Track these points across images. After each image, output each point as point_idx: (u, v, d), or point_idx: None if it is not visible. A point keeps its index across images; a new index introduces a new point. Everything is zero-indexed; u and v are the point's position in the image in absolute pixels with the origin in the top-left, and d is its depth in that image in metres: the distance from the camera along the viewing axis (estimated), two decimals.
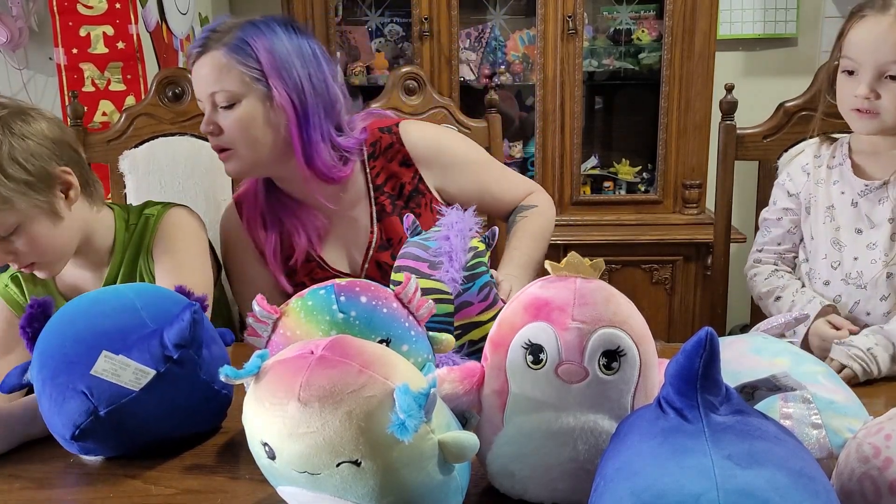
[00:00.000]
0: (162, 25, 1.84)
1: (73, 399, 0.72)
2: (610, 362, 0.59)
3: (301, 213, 1.11)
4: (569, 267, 0.62)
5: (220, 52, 1.01)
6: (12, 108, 0.94)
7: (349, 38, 2.22)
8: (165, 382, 0.74)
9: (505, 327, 0.63)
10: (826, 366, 0.74)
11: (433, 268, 0.85)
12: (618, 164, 2.27)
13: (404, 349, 0.71)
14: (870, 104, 1.00)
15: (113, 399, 0.72)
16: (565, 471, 0.61)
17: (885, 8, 0.98)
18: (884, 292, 1.03)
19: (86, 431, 0.72)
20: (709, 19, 1.98)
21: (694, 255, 2.07)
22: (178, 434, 0.78)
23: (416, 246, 0.88)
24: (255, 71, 1.01)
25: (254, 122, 1.02)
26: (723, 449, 0.46)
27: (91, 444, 0.74)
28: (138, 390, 0.72)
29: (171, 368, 0.74)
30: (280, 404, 0.53)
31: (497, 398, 0.63)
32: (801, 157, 1.17)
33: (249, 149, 1.04)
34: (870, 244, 1.05)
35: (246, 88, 1.01)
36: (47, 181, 0.93)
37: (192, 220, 1.10)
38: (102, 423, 0.72)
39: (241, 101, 1.01)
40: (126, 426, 0.73)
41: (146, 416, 0.73)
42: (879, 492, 0.53)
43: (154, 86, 1.34)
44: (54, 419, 0.73)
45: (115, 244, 1.06)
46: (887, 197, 1.04)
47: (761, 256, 1.18)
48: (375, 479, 0.54)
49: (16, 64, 1.69)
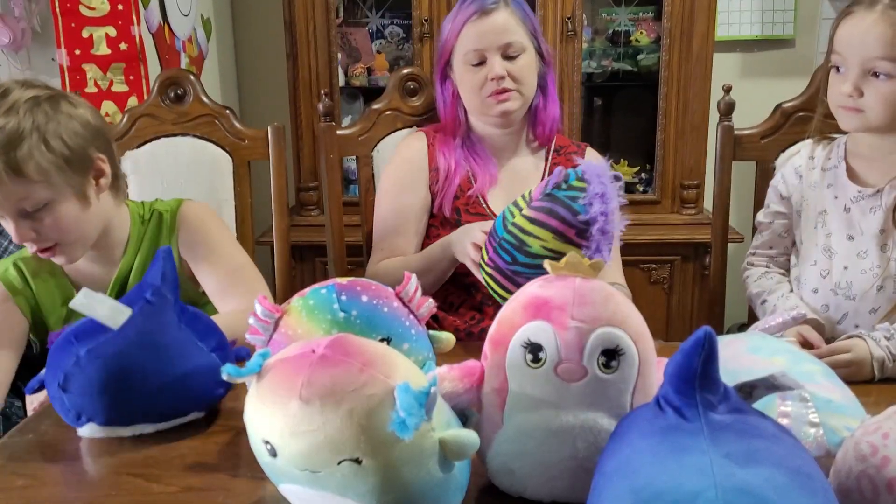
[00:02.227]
0: (164, 27, 1.84)
1: (63, 349, 0.76)
2: (609, 361, 0.59)
3: (482, 155, 1.27)
4: (568, 266, 0.62)
5: (509, 11, 1.20)
6: (60, 91, 0.99)
7: (350, 39, 2.22)
8: (142, 319, 0.76)
9: (504, 326, 0.63)
10: (824, 364, 0.74)
11: (581, 236, 0.86)
12: (616, 165, 2.27)
13: (405, 348, 0.71)
14: (854, 102, 0.99)
15: (92, 338, 0.74)
16: (565, 469, 0.61)
17: (872, 4, 0.98)
18: (873, 305, 1.01)
19: (69, 377, 0.74)
20: (707, 21, 1.98)
21: (692, 254, 2.08)
22: (167, 404, 0.78)
23: (563, 206, 0.86)
24: (531, 27, 1.22)
25: (531, 69, 1.22)
26: (721, 447, 0.47)
27: (77, 395, 0.75)
28: (117, 329, 0.74)
29: (144, 307, 0.76)
30: (281, 403, 0.54)
31: (497, 396, 0.63)
32: (796, 158, 1.16)
33: (528, 90, 1.23)
34: (860, 252, 1.03)
35: (529, 41, 1.22)
36: (84, 163, 0.96)
37: (207, 209, 1.14)
38: (84, 367, 0.74)
39: (525, 51, 1.21)
40: (110, 373, 0.74)
41: (129, 362, 0.75)
42: (877, 490, 0.54)
43: (156, 87, 1.34)
44: (49, 378, 0.76)
45: (129, 240, 1.07)
46: (880, 206, 1.02)
47: (754, 259, 1.18)
48: (376, 477, 0.54)
49: (18, 65, 1.70)
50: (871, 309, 1.02)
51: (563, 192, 0.87)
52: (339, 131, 1.36)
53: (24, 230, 0.94)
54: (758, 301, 1.13)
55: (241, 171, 1.35)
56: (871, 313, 1.01)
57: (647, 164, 2.24)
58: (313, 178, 2.07)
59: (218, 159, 1.35)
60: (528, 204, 0.90)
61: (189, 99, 1.34)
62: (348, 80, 2.18)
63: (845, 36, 1.00)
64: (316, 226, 2.02)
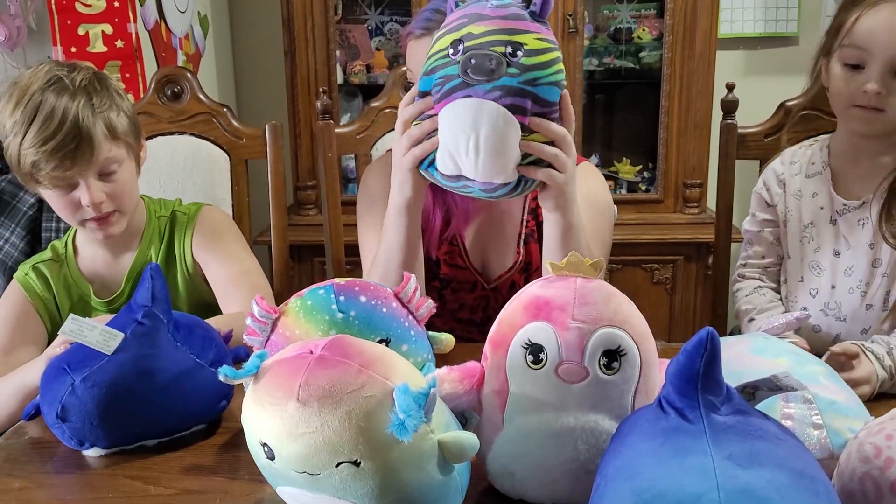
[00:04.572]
0: (161, 24, 1.84)
1: (56, 379, 0.74)
2: (610, 362, 0.59)
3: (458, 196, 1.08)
4: (569, 266, 0.62)
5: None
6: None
7: (349, 36, 2.22)
8: (136, 343, 0.75)
9: (505, 327, 0.63)
10: (827, 366, 0.73)
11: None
12: (618, 164, 2.26)
13: (404, 349, 0.71)
14: (878, 100, 0.92)
15: (86, 365, 0.73)
16: (566, 471, 0.61)
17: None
18: (864, 325, 0.98)
19: (67, 407, 0.73)
20: (710, 18, 1.97)
21: (695, 254, 2.07)
22: (169, 423, 0.77)
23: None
24: None
25: None
26: (724, 449, 0.46)
27: (78, 423, 0.73)
28: (110, 354, 0.73)
29: (137, 329, 0.75)
30: (279, 404, 0.53)
31: (497, 398, 0.63)
32: (776, 162, 1.10)
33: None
34: (847, 269, 0.99)
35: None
36: (138, 132, 1.07)
37: (226, 216, 1.20)
38: (81, 396, 0.72)
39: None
40: (109, 401, 0.73)
41: (126, 388, 0.73)
42: (881, 492, 0.53)
43: (153, 84, 1.33)
44: (45, 408, 0.75)
45: (144, 232, 1.11)
46: (868, 218, 0.98)
47: (745, 272, 1.12)
48: (375, 479, 0.54)
49: (14, 63, 1.69)
50: (862, 329, 0.98)
51: None
52: (338, 129, 1.35)
53: (98, 192, 0.99)
54: (745, 318, 1.08)
55: (239, 169, 1.34)
56: (862, 333, 0.98)
57: (649, 163, 2.23)
58: (311, 176, 2.07)
59: (215, 158, 1.34)
60: None
61: (186, 97, 1.34)
62: (347, 77, 2.18)
63: (870, 30, 0.92)
64: (314, 225, 2.01)
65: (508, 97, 0.77)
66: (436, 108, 0.80)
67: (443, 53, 0.79)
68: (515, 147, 0.78)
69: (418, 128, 0.83)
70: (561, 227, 0.89)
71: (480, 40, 0.77)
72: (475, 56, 0.76)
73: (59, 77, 0.98)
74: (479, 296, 1.13)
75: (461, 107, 0.77)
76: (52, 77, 0.98)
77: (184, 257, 1.11)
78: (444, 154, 0.80)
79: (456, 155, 0.79)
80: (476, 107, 0.76)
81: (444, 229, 1.11)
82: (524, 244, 1.10)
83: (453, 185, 0.83)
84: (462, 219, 1.10)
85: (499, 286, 1.12)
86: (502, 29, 0.77)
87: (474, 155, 0.77)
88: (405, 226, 0.92)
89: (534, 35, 0.78)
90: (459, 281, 1.12)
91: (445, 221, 1.10)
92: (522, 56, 0.77)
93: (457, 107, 0.77)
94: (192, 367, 0.77)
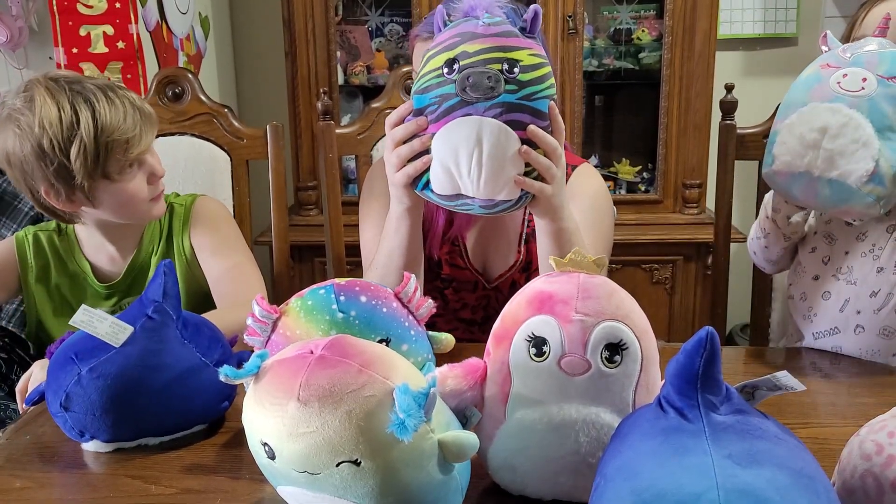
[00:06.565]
0: (162, 25, 1.84)
1: (63, 367, 0.75)
2: (612, 355, 0.59)
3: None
4: (572, 263, 0.63)
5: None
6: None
7: (349, 37, 2.22)
8: (144, 337, 0.75)
9: (508, 321, 0.63)
10: None
11: None
12: (618, 164, 2.27)
13: (404, 349, 0.71)
14: None
15: (94, 356, 0.73)
16: (567, 464, 0.61)
17: None
18: (873, 288, 0.95)
19: (71, 396, 0.73)
20: (709, 19, 1.98)
21: (694, 254, 2.07)
22: (171, 420, 0.77)
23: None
24: None
25: None
26: (723, 448, 0.46)
27: (80, 413, 0.73)
28: (118, 347, 0.74)
29: (146, 323, 0.76)
30: (279, 404, 0.53)
31: (500, 392, 0.63)
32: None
33: None
34: (859, 235, 0.97)
35: None
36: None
37: (221, 205, 1.21)
38: (86, 386, 0.73)
39: None
40: (113, 393, 0.73)
41: (132, 382, 0.74)
42: (882, 489, 0.53)
43: (154, 85, 1.34)
44: (50, 395, 0.75)
45: (146, 228, 1.14)
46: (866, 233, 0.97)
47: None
48: (375, 478, 0.54)
49: (16, 63, 1.69)
50: (871, 292, 0.96)
51: None
52: (339, 130, 1.35)
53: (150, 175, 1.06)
54: (766, 210, 1.06)
55: (240, 170, 1.34)
56: (871, 297, 0.96)
57: (648, 164, 2.23)
58: (312, 177, 2.07)
59: (216, 158, 1.34)
60: None
61: (187, 98, 1.34)
62: (347, 78, 2.18)
63: (878, 21, 0.93)
64: (315, 226, 2.01)
65: (508, 113, 0.77)
66: (431, 128, 0.80)
67: (437, 73, 0.79)
68: (516, 162, 0.79)
69: (408, 147, 0.83)
70: (552, 232, 0.90)
71: (476, 58, 0.77)
72: (472, 74, 0.76)
73: (57, 77, 1.00)
74: (480, 295, 1.13)
75: (461, 125, 0.77)
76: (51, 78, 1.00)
77: (182, 247, 1.14)
78: (440, 174, 0.80)
79: (456, 173, 0.79)
80: (476, 124, 0.77)
81: (446, 230, 1.11)
82: (525, 243, 1.11)
83: (451, 203, 0.83)
84: (465, 219, 1.10)
85: (500, 286, 1.12)
86: (497, 46, 0.77)
87: (476, 172, 0.78)
88: (407, 229, 0.93)
89: (527, 51, 0.79)
90: (461, 281, 1.12)
91: (448, 222, 1.11)
92: (519, 72, 0.77)
93: (456, 125, 0.77)
94: (198, 365, 0.77)
